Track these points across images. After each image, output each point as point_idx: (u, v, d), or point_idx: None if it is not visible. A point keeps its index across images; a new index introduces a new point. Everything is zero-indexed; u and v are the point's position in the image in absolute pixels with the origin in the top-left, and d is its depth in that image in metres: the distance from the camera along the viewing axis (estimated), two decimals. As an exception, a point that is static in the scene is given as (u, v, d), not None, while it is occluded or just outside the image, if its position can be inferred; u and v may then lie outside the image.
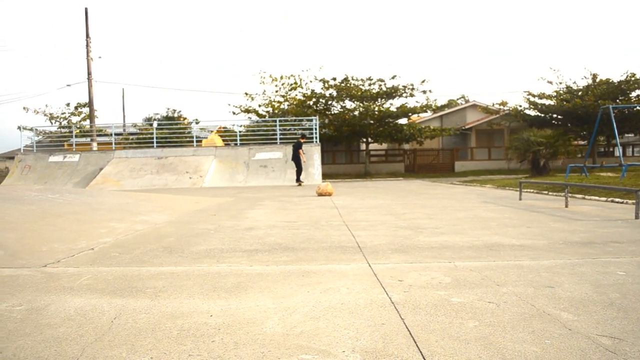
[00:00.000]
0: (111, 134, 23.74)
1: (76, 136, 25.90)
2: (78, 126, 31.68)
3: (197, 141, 23.90)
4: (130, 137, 27.45)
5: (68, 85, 33.23)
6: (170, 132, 26.25)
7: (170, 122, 32.09)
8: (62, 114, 35.52)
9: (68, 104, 35.92)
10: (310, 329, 2.23)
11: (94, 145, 24.76)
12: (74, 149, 23.22)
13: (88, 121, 29.59)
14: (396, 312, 2.45)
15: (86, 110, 32.47)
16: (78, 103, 35.32)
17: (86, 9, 25.80)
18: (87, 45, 25.70)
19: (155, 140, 22.72)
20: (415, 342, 2.04)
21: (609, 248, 4.19)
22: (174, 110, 36.42)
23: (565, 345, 1.98)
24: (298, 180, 17.88)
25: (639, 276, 3.14)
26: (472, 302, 2.60)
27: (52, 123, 35.00)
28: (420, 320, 2.32)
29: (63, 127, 32.18)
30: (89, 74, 25.86)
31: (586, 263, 3.58)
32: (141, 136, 26.32)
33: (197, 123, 26.86)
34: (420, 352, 1.94)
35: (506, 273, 3.28)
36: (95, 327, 2.31)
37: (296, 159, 17.98)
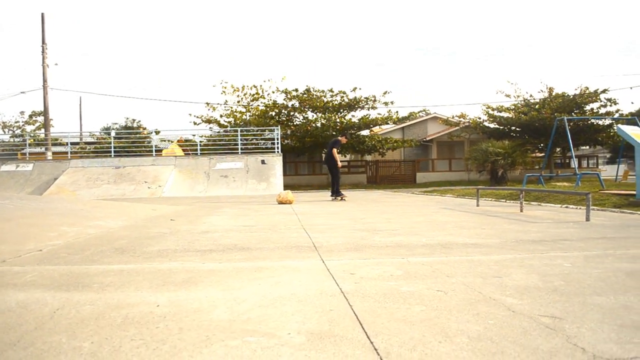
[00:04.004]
0: (67, 144, 23.15)
1: (30, 145, 25.17)
2: (32, 135, 30.80)
3: (156, 151, 23.55)
4: (87, 146, 26.86)
5: (22, 93, 32.38)
6: (130, 142, 25.81)
7: (129, 131, 31.55)
8: (16, 122, 34.56)
9: (22, 112, 35.00)
10: (257, 315, 2.21)
11: (49, 155, 24.12)
12: (27, 159, 22.56)
13: (43, 130, 28.86)
14: (345, 300, 2.45)
15: (41, 119, 31.68)
16: (33, 111, 34.48)
17: (42, 14, 25.23)
18: (43, 52, 25.10)
19: (113, 149, 22.29)
20: (361, 325, 2.05)
21: (559, 245, 4.29)
22: (134, 120, 35.91)
23: (507, 324, 2.02)
24: (336, 192, 13.13)
25: (584, 267, 3.23)
26: (421, 291, 2.63)
27: (4, 132, 34.00)
28: (368, 307, 2.33)
29: (16, 136, 31.26)
30: (45, 81, 25.23)
31: (535, 257, 3.66)
32: (99, 146, 25.79)
33: (157, 133, 26.50)
34: (365, 332, 1.95)
35: (457, 266, 3.33)
36: (36, 317, 2.23)
37: (329, 162, 13.14)
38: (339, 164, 13.09)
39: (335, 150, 12.95)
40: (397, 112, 29.61)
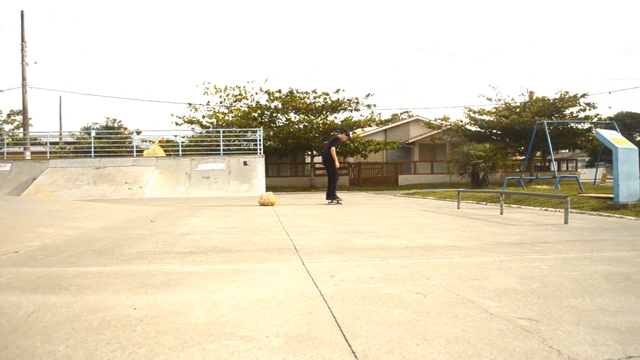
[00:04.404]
0: (46, 143, 22.86)
1: (8, 145, 24.79)
2: (10, 134, 30.36)
3: (137, 152, 23.35)
4: (67, 146, 26.54)
5: (0, 91, 31.84)
6: (110, 142, 25.55)
7: (109, 131, 31.25)
8: (-6, 121, 34.04)
9: (0, 111, 34.45)
10: (236, 318, 2.20)
11: (28, 155, 23.77)
12: (5, 158, 22.21)
13: (22, 129, 28.47)
14: (324, 303, 2.45)
15: (20, 118, 31.28)
16: (11, 110, 33.97)
17: (22, 12, 24.96)
18: (23, 50, 24.78)
19: (93, 150, 22.04)
20: (340, 327, 2.05)
21: (537, 247, 4.34)
22: (114, 120, 35.57)
23: (485, 327, 2.04)
24: (332, 195, 12.12)
25: (562, 269, 3.27)
26: (400, 293, 2.64)
27: (-18, 131, 33.46)
28: (347, 309, 2.33)
29: (-6, 136, 30.80)
30: (24, 79, 24.90)
31: (514, 260, 3.69)
32: (78, 146, 25.49)
33: (138, 134, 26.27)
34: (344, 335, 1.95)
35: (436, 269, 3.35)
36: (10, 320, 2.19)
37: (327, 162, 12.22)
38: (337, 164, 12.10)
39: (333, 149, 11.95)
40: (379, 114, 29.78)
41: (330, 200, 12.12)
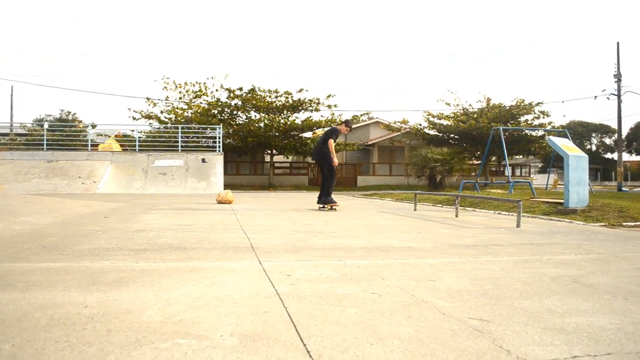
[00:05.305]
0: (-4, 135, 22.06)
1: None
2: (-42, 124, 29.14)
3: (92, 146, 22.76)
4: (18, 138, 25.65)
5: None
6: (64, 135, 24.82)
7: (63, 124, 30.34)
8: (-59, 111, 32.59)
9: (-52, 101, 33.03)
10: (190, 316, 2.17)
11: (-25, 146, 22.88)
12: (-49, 149, 21.32)
13: (-30, 120, 27.37)
14: (280, 302, 2.45)
15: (-31, 108, 30.08)
16: (-40, 100, 32.57)
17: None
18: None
19: (45, 142, 21.36)
20: (295, 326, 2.05)
21: (490, 250, 4.44)
22: (69, 112, 34.57)
23: (438, 327, 2.07)
24: (325, 198, 9.92)
25: (512, 271, 3.36)
26: (356, 293, 2.66)
27: None
28: (303, 309, 2.33)
29: (-60, 126, 29.51)
30: (-26, 69, 23.95)
31: (467, 261, 3.77)
32: (30, 138, 24.65)
33: (93, 127, 25.61)
34: (299, 334, 1.95)
35: (392, 269, 3.38)
36: (-49, 318, 2.11)
37: (323, 157, 9.97)
38: (335, 161, 9.88)
39: (332, 142, 9.77)
40: (340, 114, 29.92)
41: (322, 205, 9.97)
